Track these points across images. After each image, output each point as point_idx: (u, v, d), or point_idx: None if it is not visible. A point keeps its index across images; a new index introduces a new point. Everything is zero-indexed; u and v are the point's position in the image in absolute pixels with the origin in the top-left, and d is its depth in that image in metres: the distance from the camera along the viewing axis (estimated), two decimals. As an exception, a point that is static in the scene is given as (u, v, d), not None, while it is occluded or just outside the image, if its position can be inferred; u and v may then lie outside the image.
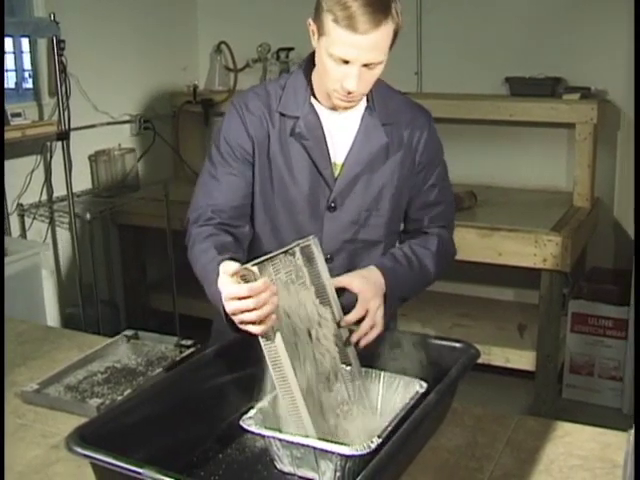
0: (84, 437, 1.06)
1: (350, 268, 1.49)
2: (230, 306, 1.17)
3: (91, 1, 3.45)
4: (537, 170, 3.55)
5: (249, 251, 1.51)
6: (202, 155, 4.21)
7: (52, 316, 2.92)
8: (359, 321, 1.34)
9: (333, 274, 1.37)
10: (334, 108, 1.48)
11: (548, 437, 1.29)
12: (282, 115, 1.49)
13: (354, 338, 1.33)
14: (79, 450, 1.04)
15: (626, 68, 3.22)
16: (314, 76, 1.49)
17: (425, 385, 1.25)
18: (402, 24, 1.40)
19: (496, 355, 3.13)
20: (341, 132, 1.51)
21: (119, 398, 1.44)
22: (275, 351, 1.15)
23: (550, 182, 3.54)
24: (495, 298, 3.69)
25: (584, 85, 3.31)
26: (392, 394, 1.27)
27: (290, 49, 3.81)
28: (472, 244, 2.96)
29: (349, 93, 1.39)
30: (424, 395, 1.21)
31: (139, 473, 0.98)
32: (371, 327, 1.34)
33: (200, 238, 1.44)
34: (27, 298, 2.73)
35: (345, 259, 1.55)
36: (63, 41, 3.05)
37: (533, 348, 3.09)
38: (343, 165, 1.51)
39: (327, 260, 1.48)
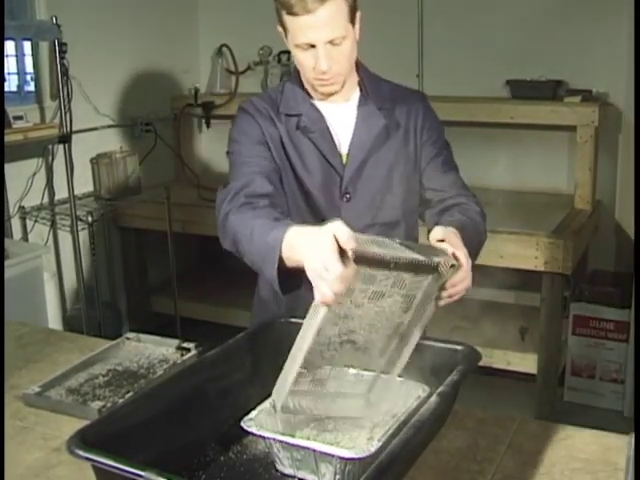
0: (85, 440, 1.06)
1: None
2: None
3: (92, 4, 3.46)
4: (538, 173, 3.56)
5: None
6: (203, 158, 4.25)
7: (53, 319, 2.93)
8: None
9: None
10: (326, 95, 1.54)
11: (550, 440, 1.29)
12: (287, 115, 1.56)
13: (446, 293, 1.23)
14: (80, 453, 1.04)
15: (627, 71, 3.22)
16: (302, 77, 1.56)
17: (427, 389, 1.24)
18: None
19: (497, 358, 3.13)
20: (341, 123, 1.56)
21: (120, 401, 1.44)
22: (311, 323, 1.13)
23: (551, 185, 3.54)
24: (496, 301, 3.69)
25: (585, 88, 3.31)
26: (394, 398, 1.27)
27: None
28: (473, 247, 2.96)
29: (324, 74, 1.46)
30: (426, 399, 1.20)
31: (140, 476, 0.98)
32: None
33: (249, 207, 1.40)
34: (29, 301, 2.74)
35: None
36: (65, 44, 3.05)
37: (534, 351, 3.08)
38: (348, 154, 1.56)
39: None
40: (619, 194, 3.43)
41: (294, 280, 1.26)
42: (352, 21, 1.45)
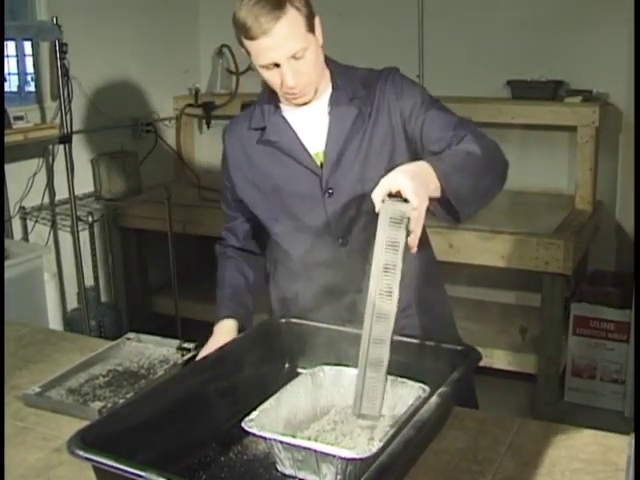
0: (86, 440, 1.06)
1: (368, 241, 1.42)
2: None
3: (93, 4, 3.46)
4: (539, 173, 3.55)
5: (277, 256, 1.71)
6: (204, 158, 4.25)
7: (54, 319, 2.93)
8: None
9: (352, 255, 1.37)
10: (300, 105, 1.54)
11: (550, 440, 1.29)
12: (255, 129, 1.60)
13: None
14: (81, 453, 1.04)
15: (627, 71, 3.22)
16: None
17: (427, 389, 1.24)
18: (305, 5, 1.44)
19: (498, 358, 3.13)
20: (313, 123, 1.56)
21: (121, 401, 1.44)
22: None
23: (552, 185, 3.54)
24: (497, 301, 3.69)
25: (586, 88, 3.31)
26: (394, 398, 1.27)
27: (292, 52, 3.81)
28: (474, 247, 2.96)
29: (293, 88, 1.46)
30: (426, 399, 1.20)
31: (141, 476, 0.99)
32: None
33: (223, 259, 1.76)
34: (29, 301, 2.74)
35: (358, 234, 1.56)
36: (65, 44, 3.05)
37: (535, 351, 3.08)
38: (325, 152, 1.55)
39: (341, 244, 1.56)
40: (620, 194, 3.43)
41: None
42: (311, 30, 1.44)
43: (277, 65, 1.43)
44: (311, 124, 1.56)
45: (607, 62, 3.30)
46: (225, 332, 1.60)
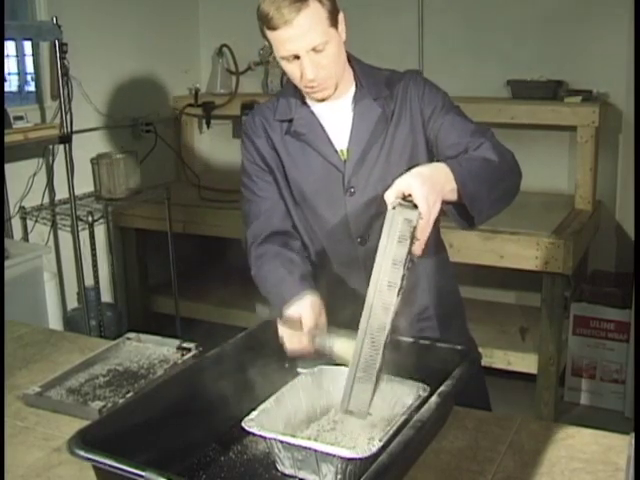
0: (86, 440, 1.06)
1: None
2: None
3: (93, 4, 3.46)
4: (539, 173, 3.55)
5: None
6: (204, 158, 4.25)
7: (54, 319, 2.92)
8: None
9: (370, 254, 1.37)
10: (319, 100, 1.54)
11: (550, 440, 1.29)
12: (281, 121, 1.59)
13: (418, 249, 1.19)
14: (81, 453, 1.04)
15: (627, 71, 3.22)
16: None
17: (427, 388, 1.25)
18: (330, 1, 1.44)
19: (498, 358, 3.13)
20: (338, 120, 1.57)
21: (121, 401, 1.44)
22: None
23: (552, 185, 3.54)
24: (497, 301, 3.69)
25: (586, 88, 3.31)
26: (393, 398, 1.27)
27: (292, 52, 3.81)
28: (474, 247, 2.96)
29: (312, 81, 1.46)
30: (426, 398, 1.20)
31: (141, 476, 0.99)
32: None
33: (266, 259, 1.56)
34: (29, 301, 2.74)
35: (377, 233, 1.54)
36: (65, 44, 3.05)
37: (535, 351, 3.08)
38: (348, 149, 1.56)
39: (360, 243, 1.56)
40: (619, 194, 3.43)
41: None
42: (334, 25, 1.45)
43: (297, 57, 1.43)
44: (336, 121, 1.57)
45: (607, 62, 3.30)
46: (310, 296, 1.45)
